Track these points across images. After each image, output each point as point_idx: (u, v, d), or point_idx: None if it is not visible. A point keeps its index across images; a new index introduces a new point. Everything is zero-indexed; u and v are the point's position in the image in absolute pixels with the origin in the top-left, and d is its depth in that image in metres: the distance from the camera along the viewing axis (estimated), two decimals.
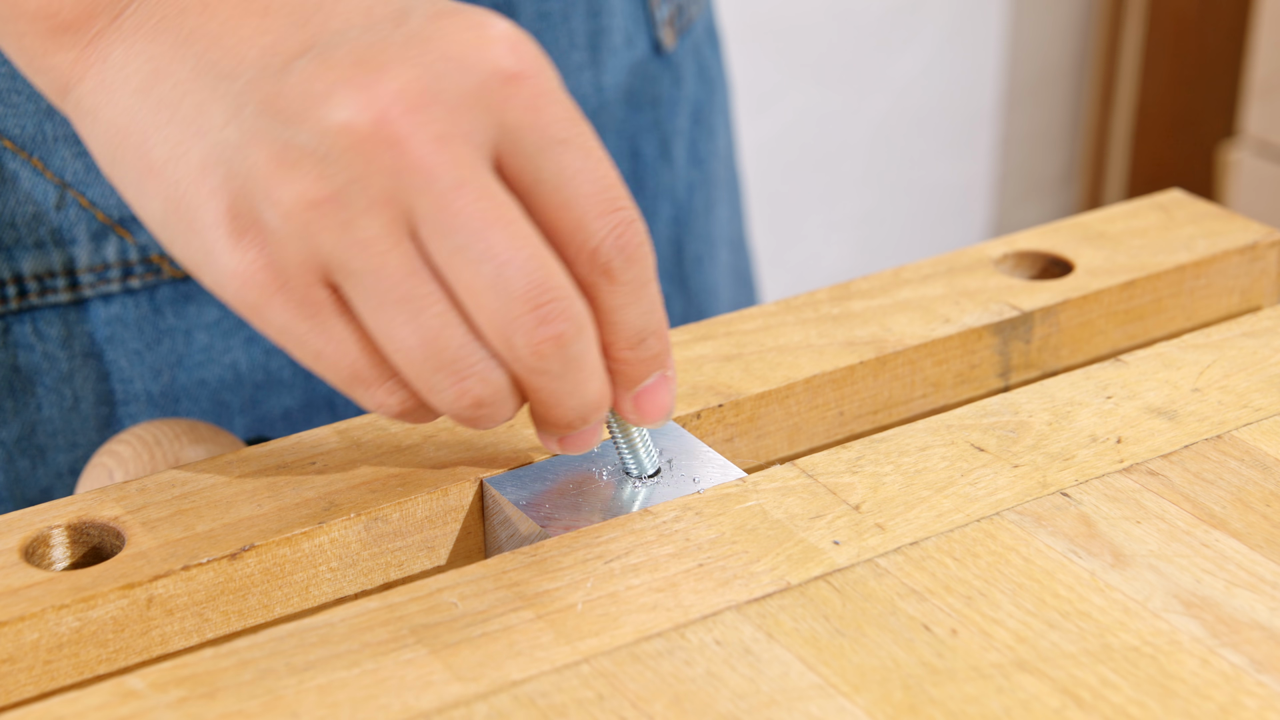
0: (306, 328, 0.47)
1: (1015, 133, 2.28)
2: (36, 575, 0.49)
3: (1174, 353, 0.59)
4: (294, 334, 0.48)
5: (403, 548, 0.53)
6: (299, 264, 0.46)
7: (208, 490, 0.52)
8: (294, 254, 0.46)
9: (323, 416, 0.73)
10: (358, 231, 0.46)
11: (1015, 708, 0.44)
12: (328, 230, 0.46)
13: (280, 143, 0.46)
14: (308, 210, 0.46)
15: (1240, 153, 2.01)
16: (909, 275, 0.64)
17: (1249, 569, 0.49)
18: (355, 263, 0.46)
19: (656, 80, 0.80)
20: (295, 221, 0.46)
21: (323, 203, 0.45)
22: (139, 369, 0.69)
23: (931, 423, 0.55)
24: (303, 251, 0.46)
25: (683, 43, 0.82)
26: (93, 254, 0.67)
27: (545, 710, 0.44)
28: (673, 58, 0.81)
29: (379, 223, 0.46)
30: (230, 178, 0.47)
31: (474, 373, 0.47)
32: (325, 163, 0.45)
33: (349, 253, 0.46)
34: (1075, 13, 2.25)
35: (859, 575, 0.48)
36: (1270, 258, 0.67)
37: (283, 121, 0.46)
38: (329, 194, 0.45)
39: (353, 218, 0.46)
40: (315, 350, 0.48)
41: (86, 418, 0.69)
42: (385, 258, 0.46)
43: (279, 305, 0.47)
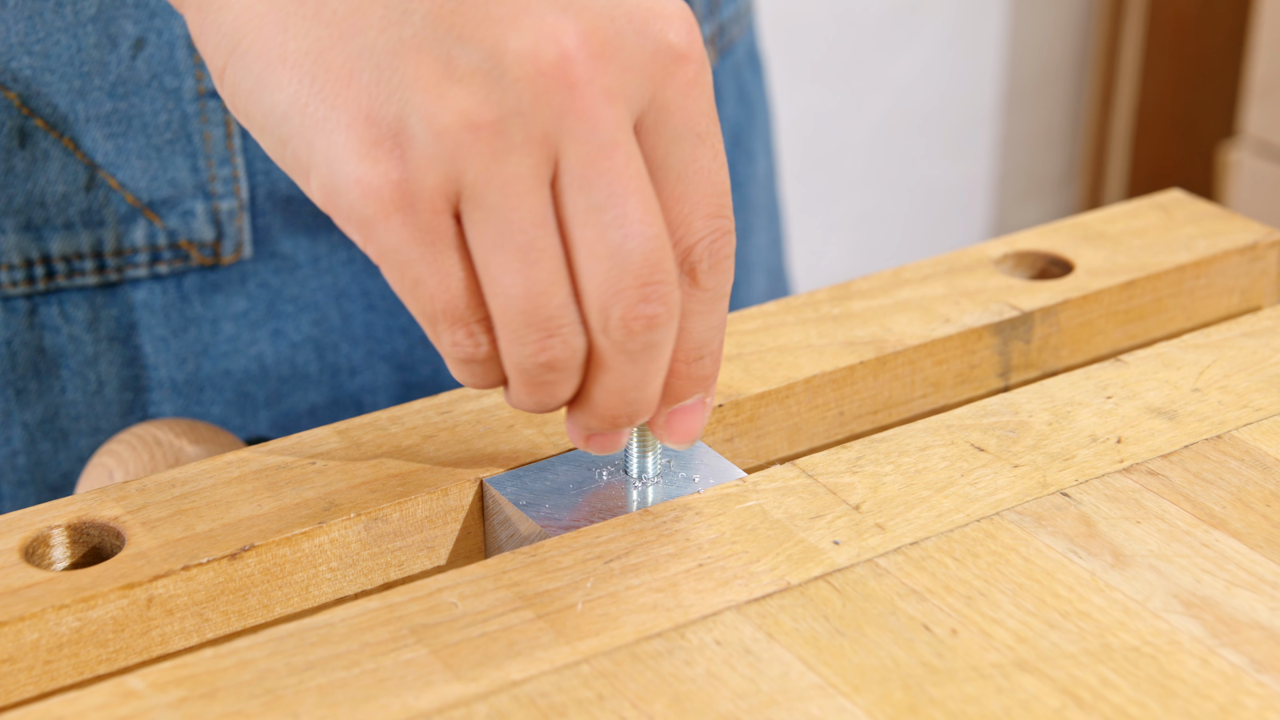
0: (417, 254, 0.46)
1: (1015, 133, 2.28)
2: (36, 575, 0.49)
3: (1174, 353, 0.59)
4: (400, 257, 0.46)
5: (403, 548, 0.53)
6: (434, 186, 0.45)
7: (208, 490, 0.52)
8: (434, 175, 0.45)
9: (349, 414, 0.72)
10: (507, 166, 0.45)
11: (1015, 708, 0.44)
12: (478, 157, 0.44)
13: (449, 57, 0.44)
14: (465, 131, 0.44)
15: (1240, 153, 2.01)
16: (909, 275, 0.64)
17: (1249, 569, 0.49)
18: (493, 198, 0.45)
19: None
20: (448, 141, 0.44)
21: (483, 127, 0.44)
22: (164, 356, 0.69)
23: (931, 423, 0.55)
24: (445, 174, 0.45)
25: (723, 63, 0.82)
26: (121, 237, 0.67)
27: (545, 710, 0.44)
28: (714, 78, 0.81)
29: (529, 162, 0.45)
30: (379, 83, 0.45)
31: (561, 334, 0.47)
32: (495, 86, 0.44)
33: (490, 186, 0.45)
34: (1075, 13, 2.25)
35: (859, 575, 0.48)
36: (1270, 258, 0.67)
37: (455, 36, 0.45)
38: (492, 119, 0.44)
39: (506, 150, 0.44)
40: (416, 278, 0.46)
41: (110, 402, 0.69)
42: (521, 199, 0.45)
43: (396, 224, 0.45)
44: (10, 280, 0.66)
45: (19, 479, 0.69)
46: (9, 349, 0.67)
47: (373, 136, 0.45)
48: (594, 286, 0.46)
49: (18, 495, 0.69)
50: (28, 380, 0.68)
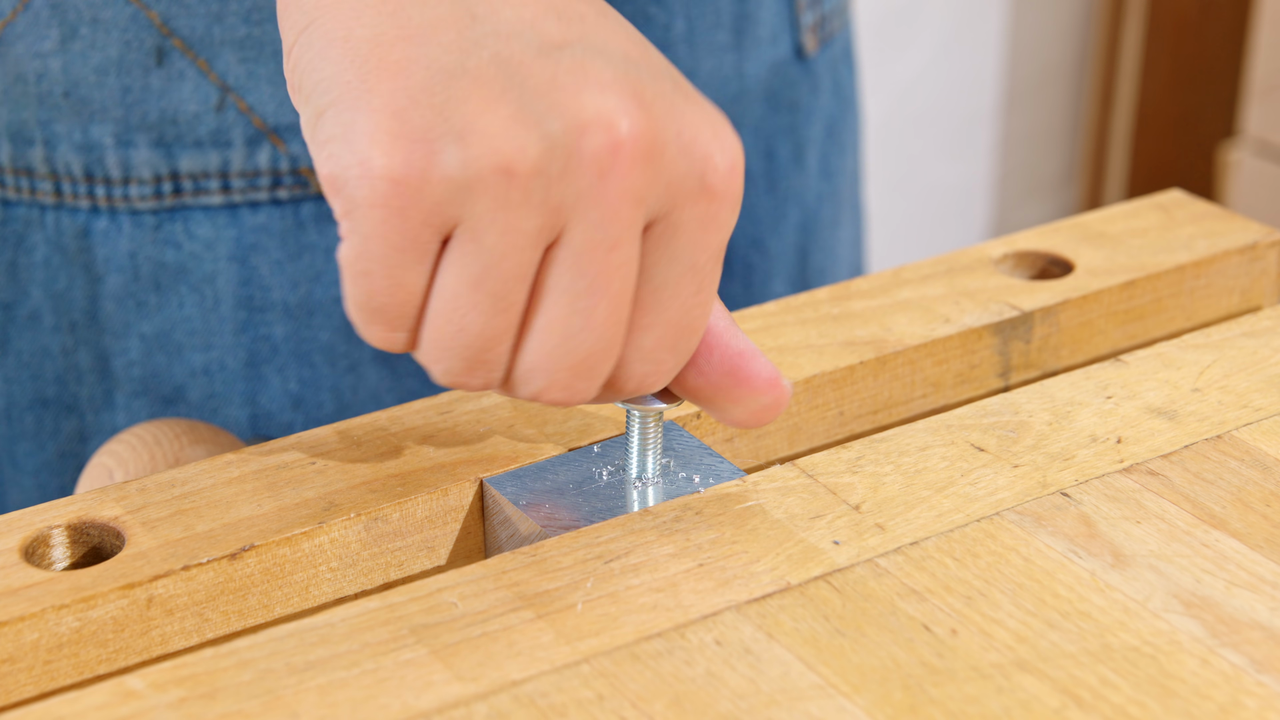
0: (382, 252, 0.46)
1: (1015, 133, 2.28)
2: (36, 575, 0.49)
3: (1174, 353, 0.59)
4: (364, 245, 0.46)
5: (403, 548, 0.53)
6: (435, 205, 0.45)
7: (208, 490, 0.52)
8: (440, 195, 0.45)
9: None
10: (516, 218, 0.45)
11: (1015, 708, 0.44)
12: (493, 199, 0.45)
13: (505, 98, 0.45)
14: (492, 171, 0.44)
15: (1240, 153, 2.01)
16: (909, 275, 0.64)
17: (1249, 569, 0.49)
18: (490, 239, 0.45)
19: (796, 85, 0.82)
20: (472, 171, 0.44)
21: (510, 174, 0.44)
22: (278, 278, 0.71)
23: (931, 423, 0.55)
24: (451, 200, 0.45)
25: (823, 54, 0.83)
26: (246, 159, 0.69)
27: (545, 710, 0.44)
28: (813, 65, 0.83)
29: (536, 222, 0.45)
30: (426, 90, 0.45)
31: (487, 377, 0.48)
32: (538, 144, 0.44)
33: (492, 229, 0.45)
34: (1075, 13, 2.25)
35: (859, 575, 0.48)
36: (1270, 258, 0.67)
37: (518, 83, 0.45)
38: (524, 172, 0.44)
39: (522, 204, 0.45)
40: (368, 269, 0.46)
41: (224, 319, 0.71)
42: (516, 253, 0.45)
43: (378, 219, 0.45)
44: (140, 194, 0.69)
45: (134, 389, 0.72)
46: (133, 261, 0.70)
47: (394, 130, 0.45)
48: (533, 348, 0.47)
49: (132, 406, 0.72)
50: (148, 293, 0.70)
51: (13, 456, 0.74)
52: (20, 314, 0.71)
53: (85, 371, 0.72)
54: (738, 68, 0.78)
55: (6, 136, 0.69)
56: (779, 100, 0.81)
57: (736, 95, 0.78)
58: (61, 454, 0.73)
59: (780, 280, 0.83)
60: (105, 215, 0.70)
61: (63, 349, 0.71)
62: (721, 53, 0.77)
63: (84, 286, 0.71)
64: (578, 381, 0.47)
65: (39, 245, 0.70)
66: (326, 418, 0.73)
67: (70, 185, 0.69)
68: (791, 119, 0.82)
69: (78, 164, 0.69)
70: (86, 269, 0.70)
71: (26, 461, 0.73)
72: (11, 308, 0.71)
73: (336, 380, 0.73)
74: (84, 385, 0.72)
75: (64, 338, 0.71)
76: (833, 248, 0.87)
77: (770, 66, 0.80)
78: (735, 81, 0.78)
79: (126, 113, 0.68)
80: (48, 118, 0.69)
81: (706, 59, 0.76)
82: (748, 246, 0.82)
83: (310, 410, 0.73)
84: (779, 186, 0.82)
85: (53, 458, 0.73)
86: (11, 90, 0.69)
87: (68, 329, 0.71)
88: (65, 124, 0.69)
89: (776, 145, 0.82)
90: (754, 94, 0.80)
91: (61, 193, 0.70)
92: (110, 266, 0.70)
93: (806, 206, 0.84)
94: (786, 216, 0.83)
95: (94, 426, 0.72)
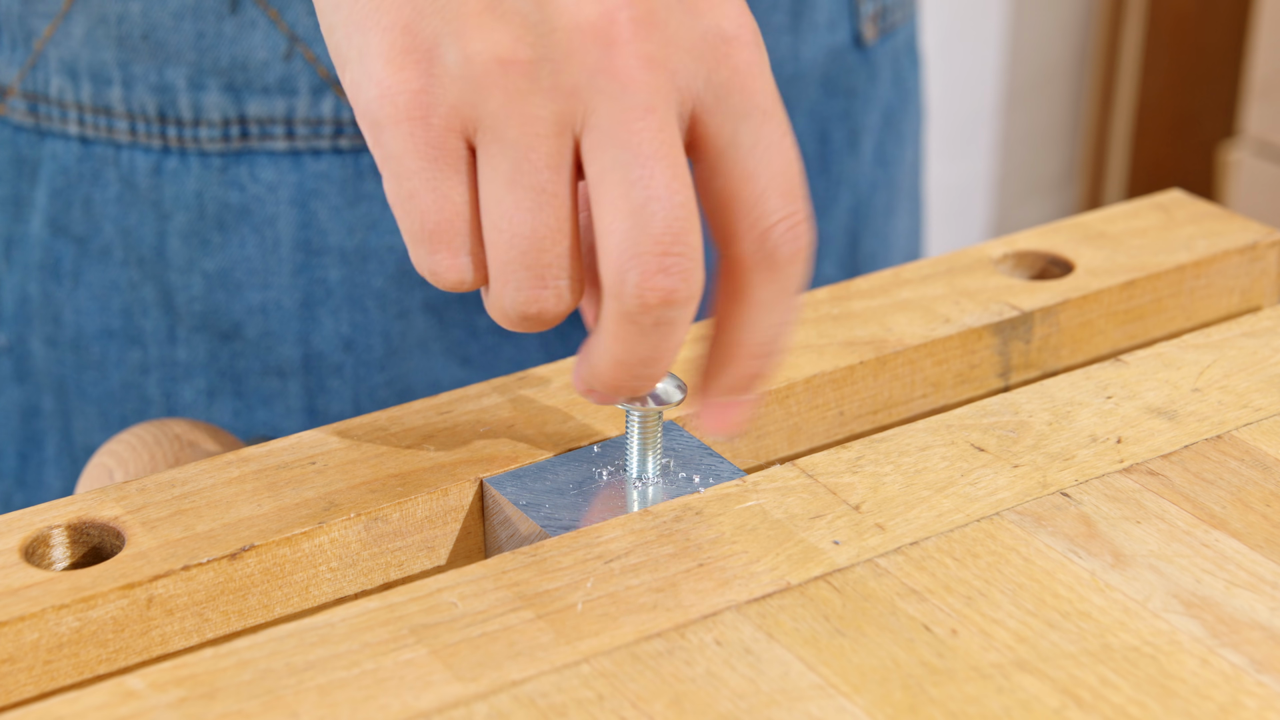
0: (418, 166, 0.46)
1: (1015, 133, 2.28)
2: (36, 575, 0.49)
3: (1174, 353, 0.59)
4: (401, 166, 0.47)
5: (403, 548, 0.53)
6: (452, 107, 0.46)
7: (208, 490, 0.52)
8: (454, 97, 0.46)
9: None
10: (529, 106, 0.45)
11: (1015, 708, 0.44)
12: (501, 91, 0.45)
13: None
14: (494, 63, 0.45)
15: (1240, 153, 2.01)
16: (909, 275, 0.64)
17: (1249, 569, 0.49)
18: (511, 133, 0.45)
19: (853, 72, 0.83)
20: (475, 68, 0.45)
21: (512, 64, 0.45)
22: (336, 224, 0.73)
23: (931, 423, 0.55)
24: (465, 100, 0.45)
25: (883, 44, 0.84)
26: (310, 107, 0.71)
27: (545, 710, 0.44)
28: (871, 54, 0.83)
29: (552, 107, 0.45)
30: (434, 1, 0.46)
31: (556, 286, 0.47)
32: (533, 30, 0.45)
33: (509, 121, 0.45)
34: (1075, 13, 2.25)
35: (859, 575, 0.48)
36: (1270, 258, 0.67)
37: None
38: (523, 60, 0.45)
39: (532, 91, 0.45)
40: (412, 190, 0.47)
41: (283, 260, 0.73)
42: (540, 140, 0.45)
43: (404, 132, 0.46)
44: (208, 136, 0.72)
45: (194, 324, 0.74)
46: (199, 201, 0.73)
47: (405, 44, 0.46)
48: (611, 246, 0.45)
49: (192, 340, 0.75)
50: (211, 231, 0.73)
51: (79, 385, 0.77)
52: (93, 248, 0.74)
53: (150, 305, 0.75)
54: (794, 50, 0.79)
55: (87, 76, 0.72)
56: (835, 86, 0.82)
57: (791, 77, 0.79)
58: (124, 384, 0.76)
59: (830, 262, 0.85)
60: (175, 155, 0.73)
61: (130, 283, 0.74)
62: (777, 34, 0.78)
63: (152, 223, 0.73)
64: (674, 259, 0.45)
65: (112, 182, 0.73)
66: (375, 361, 0.75)
67: (144, 125, 0.72)
68: (847, 105, 0.83)
69: (152, 104, 0.72)
70: (155, 206, 0.73)
71: (92, 389, 0.76)
72: (85, 242, 0.74)
73: (387, 325, 0.75)
74: (148, 318, 0.75)
75: (131, 272, 0.74)
76: (886, 235, 0.88)
77: (827, 52, 0.81)
78: (790, 64, 0.79)
79: (199, 57, 0.71)
80: (126, 59, 0.72)
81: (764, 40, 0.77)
82: None
83: (360, 353, 0.75)
84: (831, 170, 0.83)
85: (116, 388, 0.76)
86: (94, 32, 0.72)
87: (135, 264, 0.74)
88: (142, 66, 0.71)
89: (831, 130, 0.83)
90: (809, 78, 0.80)
91: (136, 132, 0.73)
92: (178, 205, 0.73)
93: (859, 192, 0.85)
94: (838, 200, 0.84)
95: (156, 359, 0.76)
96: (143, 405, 0.76)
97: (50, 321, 0.76)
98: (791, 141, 0.47)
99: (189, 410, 0.76)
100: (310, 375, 0.75)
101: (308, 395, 0.76)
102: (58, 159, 0.74)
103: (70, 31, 0.72)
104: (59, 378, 0.77)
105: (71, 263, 0.75)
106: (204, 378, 0.75)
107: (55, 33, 0.72)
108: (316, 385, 0.75)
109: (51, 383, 0.77)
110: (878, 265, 0.87)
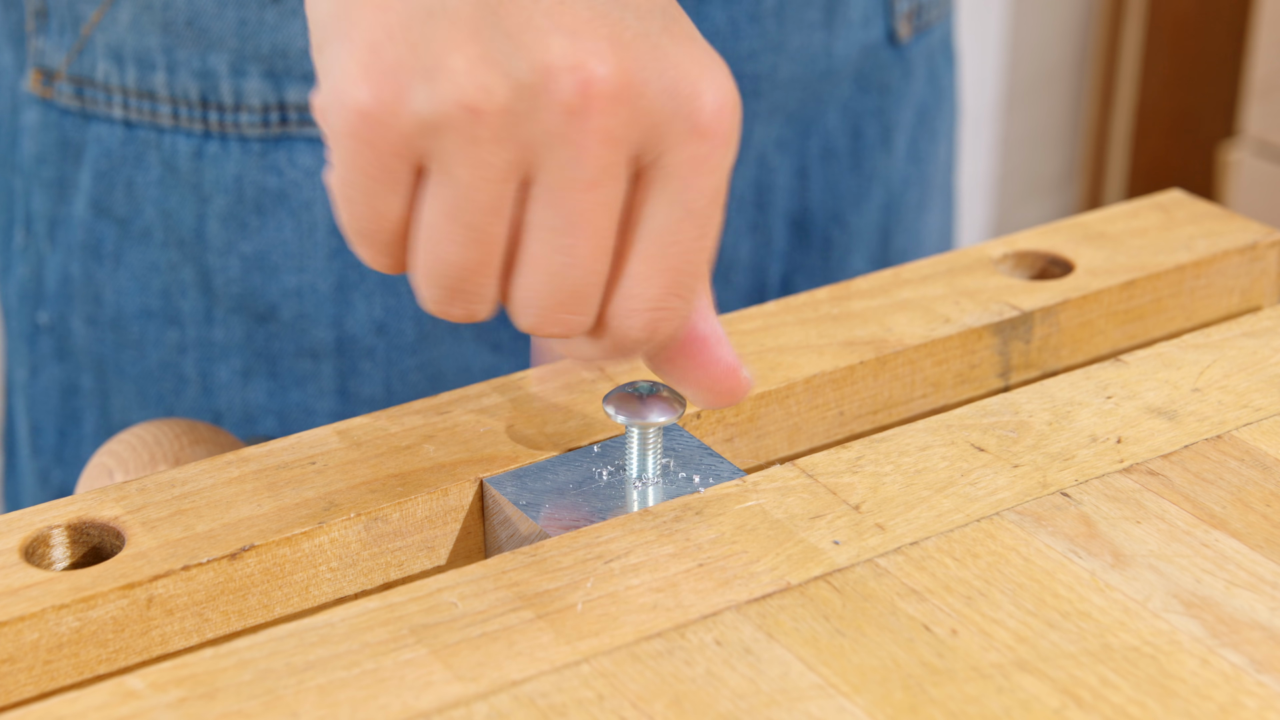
0: (358, 179, 0.47)
1: (1015, 133, 2.28)
2: (36, 575, 0.49)
3: (1174, 353, 0.59)
4: (345, 174, 0.47)
5: (403, 548, 0.53)
6: (405, 137, 0.46)
7: (208, 490, 0.52)
8: (409, 128, 0.46)
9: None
10: (483, 151, 0.46)
11: (1015, 708, 0.44)
12: (458, 134, 0.46)
13: (479, 37, 0.46)
14: (458, 108, 0.45)
15: (1240, 153, 2.01)
16: (909, 275, 0.64)
17: (1249, 569, 0.49)
18: (460, 171, 0.46)
19: (887, 69, 0.83)
20: (436, 109, 0.46)
21: (476, 112, 0.45)
22: None
23: (931, 423, 0.55)
24: (421, 133, 0.46)
25: (917, 42, 0.85)
26: None
27: (545, 710, 0.44)
28: (905, 51, 0.84)
29: (505, 156, 0.46)
30: (402, 26, 0.46)
31: (468, 307, 0.49)
32: (504, 79, 0.45)
33: (460, 162, 0.46)
34: (1075, 13, 2.25)
35: (859, 575, 0.48)
36: (1270, 258, 0.67)
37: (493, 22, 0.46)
38: (487, 110, 0.45)
39: (488, 139, 0.46)
40: (350, 196, 0.48)
41: (319, 244, 0.75)
42: (487, 185, 0.46)
43: (351, 148, 0.47)
44: (249, 122, 0.74)
45: (231, 306, 0.76)
46: (239, 184, 0.75)
47: (370, 63, 0.46)
48: (522, 285, 0.48)
49: (229, 321, 0.76)
50: (249, 215, 0.75)
51: (118, 364, 0.78)
52: (134, 229, 0.76)
53: (188, 286, 0.76)
54: (827, 46, 0.79)
55: (133, 61, 0.74)
56: (869, 82, 0.83)
57: (825, 73, 0.80)
58: (162, 364, 0.78)
59: (860, 256, 0.85)
60: (216, 140, 0.74)
61: (169, 264, 0.76)
62: (811, 30, 0.79)
63: (193, 206, 0.75)
64: (567, 315, 0.48)
65: (154, 165, 0.75)
66: (407, 346, 0.76)
67: (187, 110, 0.74)
68: (881, 101, 0.84)
69: (194, 90, 0.74)
70: (195, 189, 0.75)
71: (130, 368, 0.78)
72: (126, 223, 0.76)
73: (419, 310, 0.76)
74: (186, 299, 0.76)
75: (171, 253, 0.76)
76: (918, 231, 0.89)
77: (861, 48, 0.81)
78: (824, 59, 0.80)
79: (241, 44, 0.73)
80: (170, 45, 0.73)
81: (795, 34, 0.78)
82: (828, 220, 0.84)
83: (392, 337, 0.76)
84: (864, 166, 0.84)
85: (154, 367, 0.78)
86: (140, 18, 0.73)
87: (175, 245, 0.76)
88: (185, 51, 0.73)
89: (864, 125, 0.83)
90: (842, 73, 0.81)
91: (178, 116, 0.74)
92: (217, 188, 0.75)
93: (892, 188, 0.86)
94: (870, 195, 0.85)
95: (193, 339, 0.77)
96: (179, 384, 0.77)
97: (91, 301, 0.78)
98: (705, 245, 0.48)
99: (224, 390, 0.77)
100: (343, 358, 0.76)
101: (340, 378, 0.77)
102: (102, 142, 0.75)
103: (117, 17, 0.73)
104: (98, 356, 0.78)
105: (113, 244, 0.76)
106: (239, 358, 0.77)
107: (102, 19, 0.74)
108: (349, 368, 0.77)
109: (91, 361, 0.79)
110: (909, 260, 0.88)
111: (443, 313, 0.49)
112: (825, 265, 0.84)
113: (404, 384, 0.77)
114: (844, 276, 0.84)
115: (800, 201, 0.82)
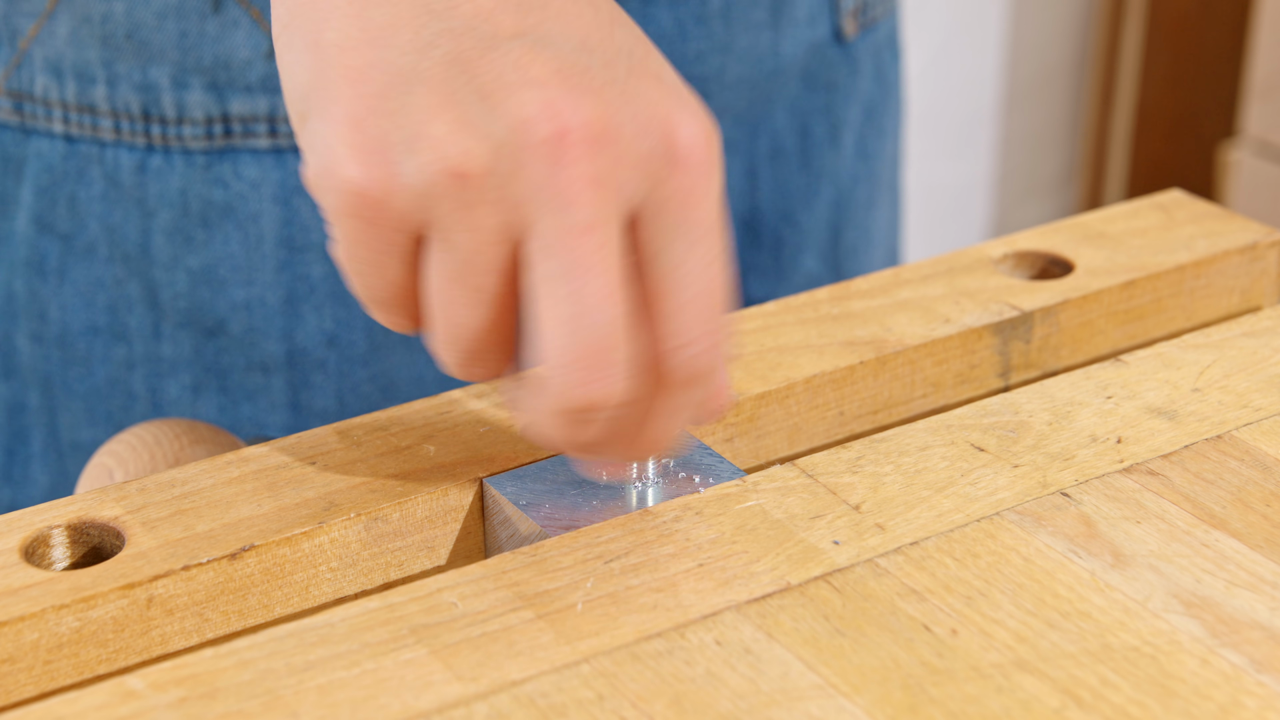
0: (366, 253, 0.48)
1: (1015, 133, 2.28)
2: (36, 575, 0.49)
3: (1174, 353, 0.59)
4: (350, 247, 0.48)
5: (403, 548, 0.53)
6: (401, 214, 0.47)
7: (208, 490, 0.52)
8: (404, 204, 0.47)
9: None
10: (477, 216, 0.46)
11: (1015, 708, 0.44)
12: (450, 201, 0.46)
13: (455, 100, 0.46)
14: (445, 175, 0.46)
15: (1240, 153, 2.01)
16: (909, 275, 0.64)
17: (1249, 569, 0.49)
18: (458, 238, 0.47)
19: (834, 67, 0.83)
20: (425, 179, 0.46)
21: (462, 177, 0.46)
22: (318, 221, 0.74)
23: (931, 423, 0.55)
24: (415, 206, 0.47)
25: (864, 39, 0.85)
26: None
27: (545, 710, 0.44)
28: (852, 49, 0.84)
29: (499, 218, 0.46)
30: (381, 96, 0.47)
31: (485, 365, 0.49)
32: (484, 141, 0.46)
33: (457, 228, 0.47)
34: (1075, 13, 2.25)
35: (859, 575, 0.48)
36: (1270, 258, 0.67)
37: (467, 82, 0.46)
38: (472, 173, 0.46)
39: (480, 201, 0.46)
40: (358, 268, 0.48)
41: (266, 258, 0.74)
42: (486, 247, 0.47)
43: (352, 226, 0.47)
44: (192, 134, 0.73)
45: (179, 320, 0.75)
46: (184, 198, 0.74)
47: (356, 141, 0.47)
48: (543, 349, 0.47)
49: (177, 336, 0.75)
50: (196, 229, 0.74)
51: (65, 381, 0.77)
52: (78, 245, 0.75)
53: (135, 302, 0.75)
54: (774, 46, 0.79)
55: (72, 75, 0.73)
56: (816, 80, 0.83)
57: (772, 72, 0.80)
58: (110, 381, 0.77)
59: (811, 255, 0.85)
60: (160, 153, 0.73)
61: (115, 280, 0.75)
62: (758, 30, 0.78)
63: (137, 221, 0.74)
64: (599, 371, 0.47)
65: (97, 180, 0.74)
66: (359, 357, 0.76)
67: (128, 123, 0.73)
68: (828, 99, 0.84)
69: (136, 103, 0.73)
70: (140, 204, 0.74)
71: (78, 385, 0.77)
72: (70, 239, 0.75)
73: (370, 321, 0.75)
74: (133, 315, 0.76)
75: (116, 269, 0.75)
76: (867, 228, 0.89)
77: (808, 47, 0.81)
78: (771, 59, 0.80)
79: (183, 56, 0.72)
80: (110, 58, 0.72)
81: (742, 35, 0.78)
82: (779, 220, 0.84)
83: (344, 349, 0.76)
84: (812, 164, 0.84)
85: (102, 384, 0.77)
86: (78, 31, 0.72)
87: (120, 260, 0.75)
88: (126, 65, 0.72)
89: (811, 124, 0.83)
90: (789, 72, 0.81)
91: (120, 130, 0.73)
92: (162, 202, 0.74)
93: (840, 185, 0.86)
94: (819, 194, 0.85)
95: (141, 355, 0.76)
96: (128, 401, 0.76)
97: (36, 318, 0.76)
98: (719, 268, 0.48)
99: (174, 406, 0.76)
100: (294, 371, 0.76)
101: (292, 391, 0.76)
102: (43, 157, 0.74)
103: (55, 31, 0.72)
104: (45, 374, 0.77)
105: (57, 260, 0.75)
106: (189, 374, 0.76)
107: (40, 32, 0.73)
108: (300, 381, 0.76)
109: (37, 379, 0.78)
110: (859, 257, 0.88)
111: (466, 375, 0.49)
112: (777, 265, 0.84)
113: (356, 396, 0.76)
114: (795, 276, 0.84)
115: (750, 201, 0.82)
